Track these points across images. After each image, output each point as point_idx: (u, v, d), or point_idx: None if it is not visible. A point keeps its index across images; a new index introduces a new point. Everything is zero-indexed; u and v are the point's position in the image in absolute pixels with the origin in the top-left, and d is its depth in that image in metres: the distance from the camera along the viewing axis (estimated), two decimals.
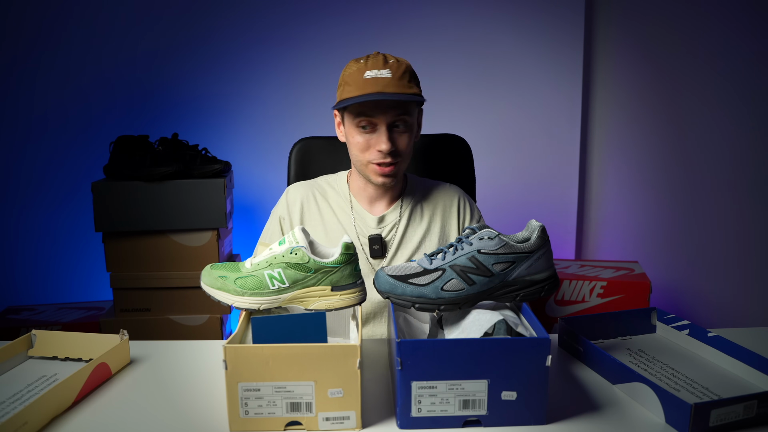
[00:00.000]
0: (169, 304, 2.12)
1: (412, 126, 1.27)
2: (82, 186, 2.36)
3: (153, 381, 1.02)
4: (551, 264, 0.96)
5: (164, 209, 2.06)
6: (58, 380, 1.00)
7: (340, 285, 0.93)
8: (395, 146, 1.23)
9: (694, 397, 0.92)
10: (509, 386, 0.83)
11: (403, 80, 1.21)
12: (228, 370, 0.81)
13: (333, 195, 1.37)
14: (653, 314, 1.20)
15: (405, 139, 1.25)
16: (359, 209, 1.35)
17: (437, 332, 1.00)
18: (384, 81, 1.19)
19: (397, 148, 1.24)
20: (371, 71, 1.20)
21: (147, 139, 2.10)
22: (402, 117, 1.23)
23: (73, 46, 2.45)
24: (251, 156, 2.54)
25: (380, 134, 1.22)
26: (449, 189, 1.42)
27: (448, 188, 1.42)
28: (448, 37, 2.52)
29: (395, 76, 1.20)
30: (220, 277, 0.94)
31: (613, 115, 2.64)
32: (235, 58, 2.50)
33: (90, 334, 1.09)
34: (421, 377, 0.82)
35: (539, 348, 0.82)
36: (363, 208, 1.35)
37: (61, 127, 2.50)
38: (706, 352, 1.08)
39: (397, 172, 1.27)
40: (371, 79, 1.19)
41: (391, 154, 1.24)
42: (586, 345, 1.05)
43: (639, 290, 2.09)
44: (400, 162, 1.26)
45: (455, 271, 0.92)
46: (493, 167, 2.52)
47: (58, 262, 2.56)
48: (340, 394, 0.83)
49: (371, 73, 1.19)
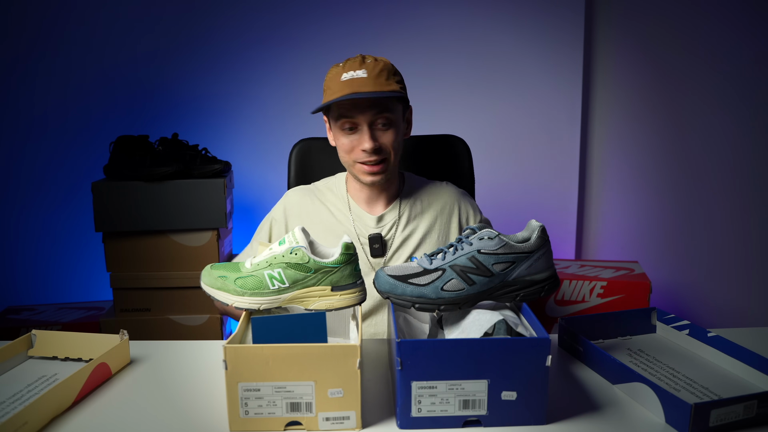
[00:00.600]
0: (169, 304, 2.12)
1: (396, 122, 1.26)
2: (82, 186, 2.36)
3: (153, 381, 1.02)
4: (551, 264, 0.96)
5: (164, 209, 2.06)
6: (58, 380, 1.00)
7: (340, 285, 0.93)
8: (378, 144, 1.24)
9: (694, 397, 0.92)
10: (509, 386, 0.83)
11: (380, 78, 1.21)
12: (228, 370, 0.81)
13: (331, 197, 1.38)
14: (653, 314, 1.20)
15: (389, 136, 1.25)
16: (357, 210, 1.35)
17: (437, 332, 1.00)
18: (359, 81, 1.20)
19: (381, 146, 1.25)
20: (348, 73, 1.21)
21: (147, 139, 2.10)
22: (382, 115, 1.23)
23: (73, 46, 2.45)
24: (251, 156, 2.54)
25: (362, 134, 1.23)
26: (447, 188, 1.42)
27: (446, 187, 1.42)
28: (448, 37, 2.52)
29: (371, 75, 1.20)
30: (220, 277, 0.94)
31: (614, 115, 2.64)
32: (235, 58, 2.50)
33: (90, 334, 1.08)
34: (421, 377, 0.82)
35: (539, 348, 0.82)
36: (361, 209, 1.35)
37: (61, 127, 2.50)
38: (706, 352, 1.08)
39: (385, 169, 1.27)
40: (347, 80, 1.20)
41: (375, 152, 1.24)
42: (586, 345, 1.05)
43: (639, 290, 2.09)
44: (387, 160, 1.27)
45: (455, 271, 0.92)
46: (493, 168, 2.52)
47: (58, 262, 2.56)
48: (340, 394, 0.83)
49: (347, 75, 1.21)
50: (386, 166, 1.27)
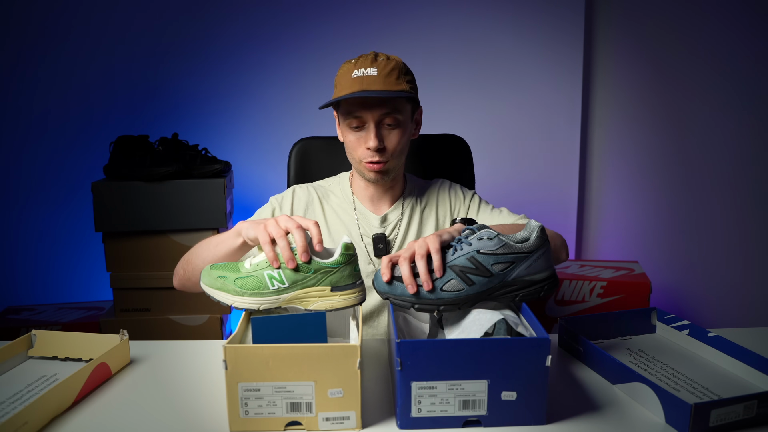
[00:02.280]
0: (169, 304, 2.12)
1: (403, 123, 1.26)
2: (82, 186, 2.37)
3: (153, 381, 1.02)
4: (550, 264, 0.95)
5: (164, 209, 2.06)
6: (58, 380, 1.00)
7: (339, 285, 0.93)
8: (383, 144, 1.23)
9: (694, 397, 0.92)
10: (509, 386, 0.83)
11: (390, 77, 1.20)
12: (228, 370, 0.81)
13: (334, 197, 1.38)
14: (653, 314, 1.20)
15: (395, 136, 1.25)
16: (362, 209, 1.35)
17: (437, 332, 1.00)
18: (369, 79, 1.19)
19: (386, 146, 1.24)
20: (359, 70, 1.20)
21: (147, 139, 2.10)
22: (390, 115, 1.23)
23: (73, 46, 2.45)
24: (251, 156, 2.54)
25: (368, 132, 1.23)
26: (439, 184, 1.42)
27: (438, 184, 1.43)
28: (448, 36, 2.52)
29: (381, 73, 1.20)
30: (220, 278, 0.94)
31: (613, 115, 2.64)
32: (235, 57, 2.50)
33: (90, 334, 1.08)
34: (420, 377, 0.82)
35: (539, 348, 0.82)
36: (366, 208, 1.35)
37: (61, 127, 2.50)
38: (706, 352, 1.08)
39: (388, 169, 1.27)
40: (357, 77, 1.20)
41: (378, 152, 1.24)
42: (586, 345, 1.05)
43: (639, 290, 2.09)
44: (390, 160, 1.26)
45: (454, 271, 0.92)
46: (493, 167, 2.52)
47: (58, 262, 2.56)
48: (340, 394, 0.83)
49: (358, 72, 1.20)
50: (390, 165, 1.27)
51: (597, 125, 2.66)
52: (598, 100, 2.64)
